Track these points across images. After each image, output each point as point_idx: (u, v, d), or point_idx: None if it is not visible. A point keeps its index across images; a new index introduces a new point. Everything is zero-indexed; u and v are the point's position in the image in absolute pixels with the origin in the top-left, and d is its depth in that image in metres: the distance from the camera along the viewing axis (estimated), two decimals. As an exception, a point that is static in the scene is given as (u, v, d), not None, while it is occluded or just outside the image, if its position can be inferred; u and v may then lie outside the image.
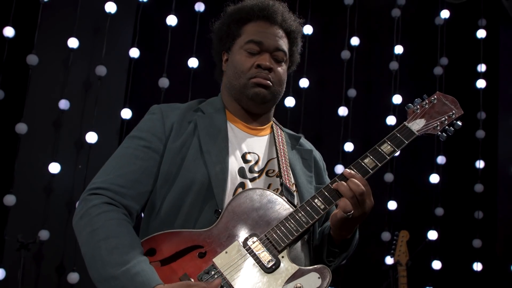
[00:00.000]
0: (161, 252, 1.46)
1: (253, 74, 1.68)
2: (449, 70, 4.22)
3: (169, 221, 1.56)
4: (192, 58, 3.59)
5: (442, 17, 4.15)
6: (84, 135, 3.49)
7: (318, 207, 1.51)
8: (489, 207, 4.24)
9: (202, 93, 3.55)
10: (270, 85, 1.69)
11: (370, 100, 4.27)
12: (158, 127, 1.65)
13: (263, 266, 1.44)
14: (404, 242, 3.50)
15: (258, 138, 1.75)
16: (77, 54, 3.49)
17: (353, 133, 3.96)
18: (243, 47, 1.71)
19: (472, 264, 4.05)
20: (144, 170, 1.58)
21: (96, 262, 1.41)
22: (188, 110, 1.74)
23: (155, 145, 1.62)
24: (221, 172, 1.58)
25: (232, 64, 1.73)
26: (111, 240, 1.43)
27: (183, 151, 1.61)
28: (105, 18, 3.52)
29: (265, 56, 1.69)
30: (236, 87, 1.71)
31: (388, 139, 1.60)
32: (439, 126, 1.63)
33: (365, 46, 4.11)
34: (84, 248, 1.46)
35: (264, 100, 1.70)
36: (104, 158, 3.53)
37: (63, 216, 3.46)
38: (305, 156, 1.84)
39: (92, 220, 1.47)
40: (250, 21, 1.74)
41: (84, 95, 3.61)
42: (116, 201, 1.52)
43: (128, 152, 1.62)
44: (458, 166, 4.25)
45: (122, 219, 1.50)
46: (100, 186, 1.54)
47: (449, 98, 1.69)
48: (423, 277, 3.91)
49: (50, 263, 3.40)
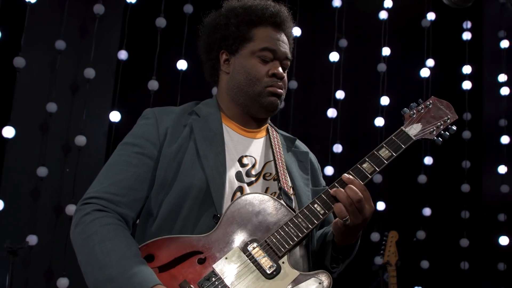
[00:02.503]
0: (159, 258, 1.44)
1: (269, 83, 1.67)
2: (436, 72, 4.27)
3: (166, 227, 1.54)
4: (181, 60, 3.57)
5: (428, 19, 4.19)
6: (72, 139, 3.45)
7: (317, 212, 1.51)
8: (475, 207, 4.31)
9: (192, 95, 3.56)
10: (282, 94, 1.71)
11: (358, 101, 4.29)
12: (152, 132, 1.63)
13: (264, 272, 1.43)
14: (393, 243, 3.53)
15: (254, 141, 1.74)
16: (64, 56, 3.45)
17: (342, 134, 3.98)
18: (256, 54, 1.68)
19: (459, 263, 4.10)
20: (138, 176, 1.56)
21: (93, 267, 1.39)
22: (183, 113, 1.71)
23: (148, 150, 1.60)
24: (219, 177, 1.57)
25: (243, 69, 1.69)
26: (106, 243, 1.41)
27: (179, 155, 1.59)
28: (93, 20, 3.48)
29: (276, 64, 1.69)
30: (249, 93, 1.68)
31: (385, 144, 1.61)
32: (435, 131, 1.64)
33: (353, 48, 4.14)
34: (80, 255, 1.44)
35: (276, 109, 1.72)
36: (92, 162, 3.50)
37: (51, 221, 3.41)
38: (301, 158, 1.84)
39: (86, 227, 1.46)
40: (260, 25, 1.71)
41: (72, 98, 3.57)
42: (110, 209, 1.50)
43: (121, 159, 1.60)
44: (445, 167, 4.30)
45: (117, 224, 1.48)
46: (94, 195, 1.52)
47: (444, 102, 1.70)
48: (412, 277, 3.95)
49: (38, 268, 3.35)
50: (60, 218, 3.43)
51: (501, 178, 4.28)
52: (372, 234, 3.85)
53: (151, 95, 3.23)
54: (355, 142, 4.23)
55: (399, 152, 1.59)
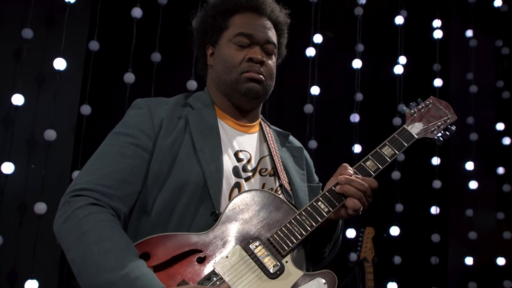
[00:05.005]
0: (156, 257, 1.35)
1: (245, 68, 1.61)
2: (408, 69, 4.31)
3: (161, 223, 1.46)
4: (155, 52, 3.45)
5: (401, 16, 4.22)
6: (38, 133, 3.27)
7: (322, 210, 1.47)
8: (443, 204, 4.39)
9: (166, 88, 3.45)
10: (263, 79, 1.63)
11: (331, 97, 4.28)
12: (146, 122, 1.55)
13: (267, 272, 1.37)
14: (370, 239, 3.54)
15: (248, 136, 1.69)
16: (31, 46, 3.26)
17: (316, 130, 3.96)
18: (232, 40, 1.64)
19: (430, 258, 4.17)
20: (132, 169, 1.47)
21: (88, 268, 1.28)
22: (177, 105, 1.64)
23: (143, 142, 1.51)
24: (216, 172, 1.50)
25: (220, 58, 1.65)
26: (104, 243, 1.30)
27: (174, 148, 1.52)
28: (63, 8, 3.31)
29: (256, 49, 1.62)
30: (227, 82, 1.63)
31: (388, 142, 1.60)
32: (436, 131, 1.65)
33: (328, 44, 4.12)
34: (72, 253, 1.32)
35: (257, 96, 1.64)
36: (59, 157, 3.32)
37: (15, 220, 3.22)
38: (295, 153, 1.80)
39: (79, 223, 1.34)
40: (237, 13, 1.67)
41: (38, 90, 3.38)
42: (103, 203, 1.40)
43: (114, 149, 1.49)
44: (416, 163, 4.35)
45: (113, 221, 1.38)
46: (85, 187, 1.41)
47: (443, 103, 1.71)
48: (387, 272, 3.98)
49: (1, 270, 3.16)
50: (25, 217, 3.24)
51: (469, 175, 4.37)
52: (348, 230, 3.85)
53: (127, 88, 3.09)
54: (327, 138, 4.22)
55: (402, 150, 1.59)
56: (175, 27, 3.50)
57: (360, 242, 3.54)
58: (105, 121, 3.49)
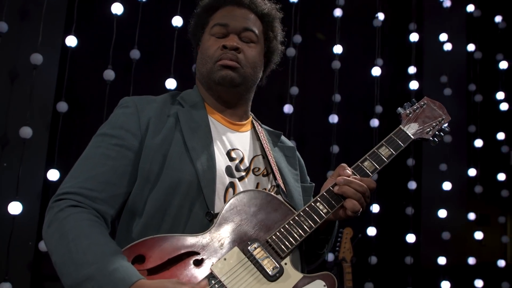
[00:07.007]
0: (151, 260, 1.31)
1: (219, 56, 1.58)
2: (385, 71, 4.36)
3: (154, 225, 1.42)
4: (134, 50, 3.37)
5: (379, 19, 4.27)
6: (12, 130, 3.15)
7: (320, 211, 1.46)
8: (417, 204, 4.46)
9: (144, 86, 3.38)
10: (238, 66, 1.58)
11: (310, 98, 4.29)
12: (132, 122, 1.51)
13: (266, 274, 1.35)
14: (348, 239, 3.56)
15: (240, 134, 1.67)
16: (5, 39, 3.14)
17: (295, 131, 3.96)
18: (210, 33, 1.64)
19: (404, 258, 4.22)
20: (116, 170, 1.44)
21: (68, 267, 1.25)
22: (165, 103, 1.61)
23: (128, 142, 1.48)
24: (209, 171, 1.47)
25: (200, 52, 1.66)
26: (81, 239, 1.28)
27: (164, 147, 1.48)
28: (40, 1, 3.20)
29: (232, 37, 1.61)
30: (204, 73, 1.62)
31: (385, 142, 1.60)
32: (431, 131, 1.66)
33: (307, 44, 4.12)
34: (54, 256, 1.30)
35: (233, 83, 1.59)
36: (31, 156, 3.20)
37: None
38: (288, 153, 1.79)
39: (60, 225, 1.32)
40: (218, 9, 1.68)
41: (11, 86, 3.26)
42: (86, 205, 1.37)
43: (98, 152, 1.46)
44: (391, 164, 4.40)
45: (93, 220, 1.35)
46: (68, 191, 1.39)
47: (437, 103, 1.73)
48: (364, 272, 4.01)
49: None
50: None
51: (442, 176, 4.45)
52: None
53: (106, 85, 3.00)
54: (305, 138, 4.23)
55: (399, 150, 1.59)
56: (155, 24, 3.44)
57: (338, 243, 3.55)
58: (82, 119, 3.40)
